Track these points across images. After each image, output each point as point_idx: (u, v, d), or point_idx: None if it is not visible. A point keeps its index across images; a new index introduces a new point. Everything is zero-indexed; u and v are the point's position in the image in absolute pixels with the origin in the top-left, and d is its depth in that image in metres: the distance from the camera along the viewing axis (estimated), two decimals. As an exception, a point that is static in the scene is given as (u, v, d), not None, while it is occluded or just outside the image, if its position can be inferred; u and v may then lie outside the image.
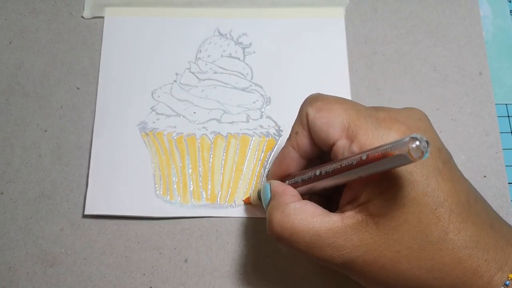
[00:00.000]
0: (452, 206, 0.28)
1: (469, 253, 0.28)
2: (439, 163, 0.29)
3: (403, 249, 0.28)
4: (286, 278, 0.38)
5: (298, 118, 0.33)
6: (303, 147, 0.33)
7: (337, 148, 0.30)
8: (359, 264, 0.29)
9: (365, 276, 0.30)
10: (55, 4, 0.46)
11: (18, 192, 0.40)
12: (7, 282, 0.38)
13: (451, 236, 0.28)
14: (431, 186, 0.28)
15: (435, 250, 0.28)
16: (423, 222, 0.28)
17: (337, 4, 0.46)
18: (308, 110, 0.32)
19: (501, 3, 0.47)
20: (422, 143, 0.23)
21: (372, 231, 0.29)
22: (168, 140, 0.41)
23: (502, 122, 0.43)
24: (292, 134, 0.33)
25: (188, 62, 0.44)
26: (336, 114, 0.30)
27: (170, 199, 0.40)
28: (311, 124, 0.31)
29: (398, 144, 0.24)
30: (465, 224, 0.28)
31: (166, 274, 0.38)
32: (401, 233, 0.28)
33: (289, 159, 0.34)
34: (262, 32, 0.45)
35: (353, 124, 0.30)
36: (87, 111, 0.43)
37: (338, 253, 0.29)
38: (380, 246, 0.29)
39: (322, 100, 0.32)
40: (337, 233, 0.29)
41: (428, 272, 0.28)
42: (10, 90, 0.43)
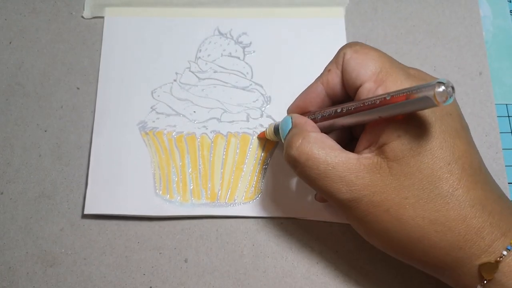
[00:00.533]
0: (465, 165, 0.29)
1: (475, 213, 0.29)
2: (459, 126, 0.30)
3: (411, 197, 0.29)
4: (286, 278, 0.38)
5: (334, 58, 0.34)
6: (332, 85, 0.34)
7: (362, 90, 0.31)
8: (364, 204, 0.30)
9: (367, 219, 0.30)
10: (55, 4, 0.46)
11: (18, 192, 0.40)
12: (7, 282, 0.38)
13: (460, 192, 0.29)
14: (448, 142, 0.29)
15: (442, 203, 0.29)
16: (436, 174, 0.29)
17: (337, 4, 0.46)
18: (346, 50, 0.33)
19: (501, 3, 0.47)
20: (448, 88, 0.25)
21: (384, 174, 0.29)
22: (168, 139, 0.41)
23: (502, 122, 0.43)
24: (325, 72, 0.34)
25: (188, 61, 0.44)
26: (371, 57, 0.32)
27: (170, 198, 0.40)
28: (345, 63, 0.33)
29: (425, 86, 0.25)
30: (475, 185, 0.29)
31: (166, 274, 0.38)
32: (412, 181, 0.29)
33: (315, 94, 0.35)
34: (262, 31, 0.45)
35: (384, 70, 0.31)
36: (87, 111, 0.43)
37: (347, 188, 0.30)
38: (389, 189, 0.29)
39: (361, 45, 0.33)
40: (350, 169, 0.30)
41: (432, 223, 0.29)
42: (10, 90, 0.43)
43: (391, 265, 0.38)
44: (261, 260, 0.39)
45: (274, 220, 0.40)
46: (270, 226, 0.39)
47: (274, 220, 0.40)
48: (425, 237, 0.29)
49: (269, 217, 0.39)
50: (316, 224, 0.39)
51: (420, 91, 0.25)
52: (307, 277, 0.38)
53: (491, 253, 0.28)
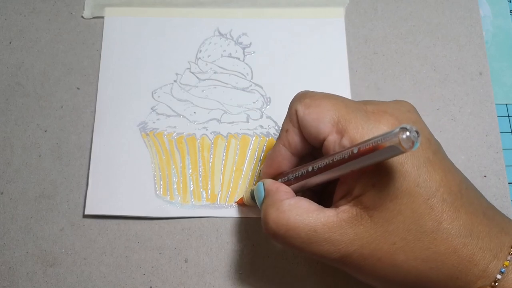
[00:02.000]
0: (444, 196, 0.28)
1: (464, 241, 0.28)
2: (429, 153, 0.29)
3: (398, 241, 0.29)
4: (286, 278, 0.38)
5: (287, 116, 0.33)
6: (294, 144, 0.33)
7: (328, 143, 0.30)
8: (356, 258, 0.29)
9: (362, 270, 0.30)
10: (55, 4, 0.46)
11: (18, 192, 0.40)
12: (7, 282, 0.38)
13: (445, 225, 0.28)
14: (423, 176, 0.28)
15: (430, 240, 0.28)
16: (417, 212, 0.28)
17: (337, 4, 0.46)
18: (297, 107, 0.32)
19: (501, 3, 0.47)
20: (412, 133, 0.24)
21: (367, 224, 0.29)
22: (168, 140, 0.41)
23: (502, 122, 0.43)
24: (283, 133, 0.33)
25: (188, 62, 0.44)
26: (325, 109, 0.31)
27: (170, 199, 0.40)
28: (301, 121, 0.32)
29: (389, 135, 0.24)
30: (458, 213, 0.29)
31: (166, 274, 0.38)
32: (396, 225, 0.28)
33: (280, 158, 0.34)
34: (262, 32, 0.45)
35: (342, 119, 0.30)
36: (87, 111, 0.43)
37: (334, 247, 0.29)
38: (375, 239, 0.29)
39: (310, 96, 0.32)
40: (332, 228, 0.29)
41: (424, 262, 0.29)
42: (10, 90, 0.43)
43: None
44: (261, 260, 0.39)
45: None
46: (270, 226, 0.39)
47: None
48: (422, 276, 0.29)
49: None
50: (316, 224, 0.39)
51: (385, 140, 0.25)
52: (307, 277, 0.38)
53: (486, 278, 0.28)
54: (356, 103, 0.31)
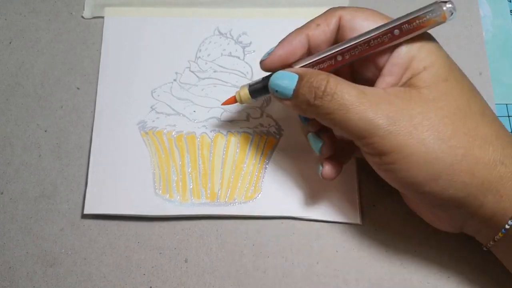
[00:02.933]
0: (481, 95, 0.32)
1: (505, 131, 0.31)
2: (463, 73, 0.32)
3: (448, 115, 0.30)
4: (286, 278, 0.38)
5: (323, 15, 0.34)
6: (318, 41, 0.34)
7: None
8: (404, 126, 0.29)
9: (408, 142, 0.29)
10: (55, 4, 0.46)
11: (18, 192, 0.40)
12: (7, 282, 0.38)
13: (489, 112, 0.31)
14: (464, 75, 0.32)
15: (478, 120, 0.30)
16: (465, 95, 0.30)
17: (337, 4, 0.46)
18: (341, 13, 0.33)
19: (501, 3, 0.47)
20: (452, 3, 0.29)
21: (417, 99, 0.30)
22: (167, 138, 0.41)
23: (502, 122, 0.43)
24: (312, 24, 0.34)
25: (188, 61, 0.44)
26: (372, 12, 0.33)
27: (169, 197, 0.40)
28: (348, 24, 0.33)
29: (432, 5, 0.29)
30: (494, 112, 0.32)
31: (166, 274, 0.38)
32: (447, 102, 0.30)
33: (299, 44, 0.34)
34: (262, 31, 0.45)
35: (389, 19, 0.32)
36: (87, 111, 0.43)
37: (383, 113, 0.29)
38: (425, 110, 0.30)
39: (353, 7, 0.34)
40: (384, 97, 0.30)
41: (473, 139, 0.30)
42: (10, 90, 0.43)
43: (391, 264, 0.38)
44: (261, 260, 0.38)
45: (274, 220, 0.40)
46: (270, 226, 0.39)
47: (274, 220, 0.40)
48: (469, 153, 0.29)
49: (269, 217, 0.39)
50: (316, 224, 0.39)
51: (429, 9, 0.30)
52: (307, 277, 0.38)
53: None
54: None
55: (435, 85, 0.30)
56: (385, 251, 0.38)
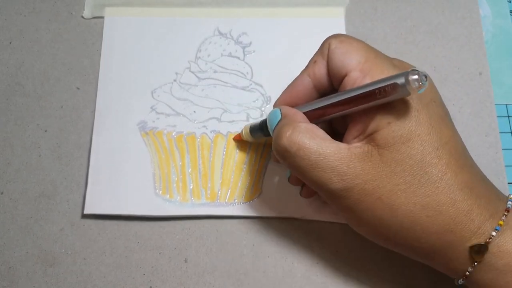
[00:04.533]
0: (451, 150, 0.30)
1: (464, 196, 0.29)
2: (442, 112, 0.31)
3: (402, 183, 0.29)
4: (286, 278, 0.38)
5: (319, 49, 0.34)
6: (319, 76, 0.34)
7: (348, 79, 0.31)
8: (356, 193, 0.30)
9: (358, 207, 0.30)
10: (55, 4, 0.46)
11: (18, 192, 0.40)
12: (7, 282, 0.38)
13: (449, 176, 0.29)
14: (435, 128, 0.30)
15: (432, 188, 0.29)
16: (425, 159, 0.29)
17: (337, 4, 0.46)
18: (330, 41, 0.33)
19: (501, 3, 0.47)
20: (421, 76, 0.27)
21: (375, 162, 0.30)
22: (167, 139, 0.41)
23: (502, 122, 0.43)
24: (310, 63, 0.35)
25: (188, 61, 0.44)
26: (355, 48, 0.32)
27: (169, 198, 0.40)
28: (330, 53, 0.33)
29: (401, 74, 0.27)
30: (462, 169, 0.30)
31: (166, 274, 0.38)
32: (403, 167, 0.29)
33: (302, 87, 0.35)
34: (262, 31, 0.45)
35: (369, 60, 0.31)
36: (87, 111, 0.43)
37: (338, 177, 0.30)
38: (381, 177, 0.29)
39: (346, 36, 0.34)
40: (342, 159, 0.30)
41: (423, 208, 0.29)
42: (10, 90, 0.43)
43: (391, 264, 0.38)
44: (261, 260, 0.39)
45: (274, 220, 0.40)
46: (270, 226, 0.39)
47: (274, 220, 0.40)
48: (417, 222, 0.29)
49: (269, 217, 0.39)
50: (316, 224, 0.39)
51: (398, 78, 0.27)
52: (307, 277, 0.38)
53: (480, 234, 0.29)
54: (385, 55, 0.33)
55: (396, 146, 0.29)
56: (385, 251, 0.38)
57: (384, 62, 0.31)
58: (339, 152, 0.30)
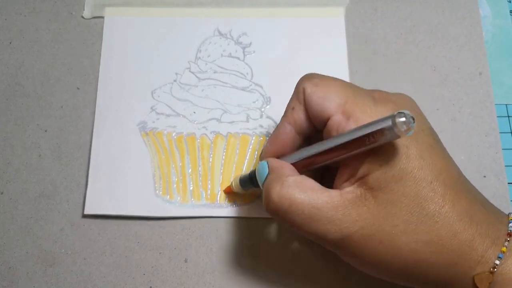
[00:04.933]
0: (446, 180, 0.29)
1: (464, 226, 0.29)
2: (432, 141, 0.30)
3: (401, 223, 0.29)
4: (286, 278, 0.38)
5: (294, 94, 0.33)
6: (300, 122, 0.33)
7: (332, 123, 0.31)
8: (356, 240, 0.29)
9: (362, 253, 0.30)
10: (55, 4, 0.46)
11: (18, 192, 0.40)
12: (7, 282, 0.38)
13: (447, 208, 0.29)
14: (426, 160, 0.29)
15: (431, 223, 0.29)
16: (420, 195, 0.29)
17: (337, 4, 0.46)
18: (305, 85, 0.32)
19: (501, 3, 0.47)
20: (408, 118, 0.26)
21: (370, 205, 0.29)
22: (167, 139, 0.41)
23: (502, 122, 0.43)
24: (288, 110, 0.34)
25: (188, 61, 0.44)
26: (333, 90, 0.31)
27: (169, 198, 0.40)
28: (307, 99, 0.32)
29: (387, 118, 0.26)
30: (459, 198, 0.29)
31: (166, 274, 0.38)
32: (399, 207, 0.29)
33: (284, 136, 0.34)
34: (262, 32, 0.45)
35: (349, 101, 0.30)
36: (87, 111, 0.43)
37: (335, 227, 0.29)
38: (378, 220, 0.29)
39: (319, 77, 0.32)
40: (336, 207, 0.29)
41: (425, 245, 0.29)
42: (10, 90, 0.43)
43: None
44: (261, 260, 0.39)
45: (274, 220, 0.40)
46: (270, 226, 0.39)
47: (274, 220, 0.40)
48: (422, 259, 0.29)
49: (269, 217, 0.39)
50: (316, 224, 0.39)
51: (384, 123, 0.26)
52: (307, 277, 0.38)
53: (484, 263, 0.29)
54: (363, 89, 0.32)
55: (389, 187, 0.29)
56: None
57: (365, 99, 0.30)
58: (332, 201, 0.30)
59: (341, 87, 0.31)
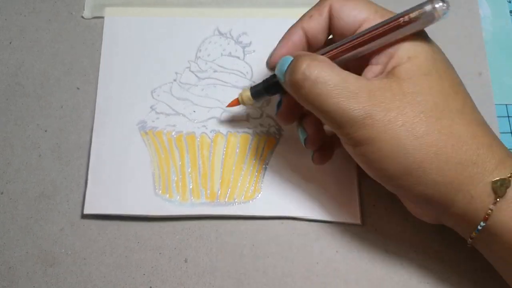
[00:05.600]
0: (465, 92, 0.32)
1: (483, 131, 0.30)
2: (451, 65, 0.33)
3: (425, 111, 0.29)
4: (286, 278, 0.38)
5: (316, 6, 0.34)
6: (314, 31, 0.34)
7: (366, 25, 0.32)
8: (379, 120, 0.29)
9: (381, 137, 0.29)
10: (55, 4, 0.46)
11: (18, 192, 0.40)
12: (7, 282, 0.38)
13: (468, 110, 0.30)
14: (450, 69, 0.32)
15: (455, 119, 0.30)
16: (445, 92, 0.30)
17: (337, 4, 0.46)
18: (331, 1, 0.33)
19: (501, 3, 0.47)
20: (446, 1, 0.30)
21: (396, 92, 0.30)
22: (167, 138, 0.41)
23: (502, 122, 0.43)
24: (306, 17, 0.34)
25: (188, 61, 0.44)
26: (363, 2, 0.33)
27: (169, 197, 0.40)
28: (337, 12, 0.33)
29: (428, 2, 0.30)
30: (476, 110, 0.31)
31: (166, 274, 0.38)
32: (425, 97, 0.30)
33: (296, 38, 0.34)
34: (262, 31, 0.45)
35: (379, 10, 0.33)
36: (87, 111, 0.43)
37: (360, 105, 0.29)
38: (403, 105, 0.29)
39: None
40: (362, 87, 0.30)
41: (447, 137, 0.29)
42: (10, 90, 0.43)
43: (391, 264, 0.38)
44: (261, 260, 0.38)
45: (274, 220, 0.40)
46: (270, 226, 0.39)
47: (274, 220, 0.40)
48: (442, 151, 0.29)
49: (269, 217, 0.39)
50: (316, 224, 0.39)
51: (423, 7, 0.30)
52: (307, 277, 0.38)
53: (502, 169, 0.29)
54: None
55: (416, 78, 0.30)
56: (385, 251, 0.38)
57: (389, 11, 0.33)
58: (359, 82, 0.30)
59: (368, 2, 0.33)
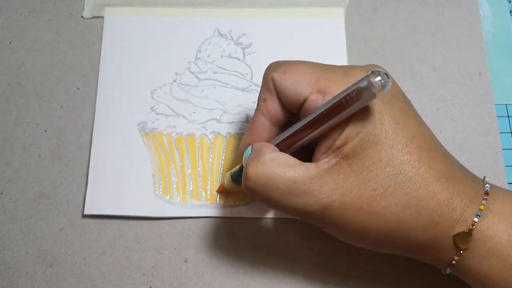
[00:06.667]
0: (420, 143, 0.30)
1: (442, 186, 0.29)
2: (405, 106, 0.31)
3: (379, 187, 0.29)
4: (286, 278, 0.38)
5: (263, 86, 0.33)
6: (273, 112, 0.33)
7: (309, 103, 0.31)
8: (336, 208, 0.29)
9: (342, 222, 0.30)
10: (55, 4, 0.46)
11: (18, 192, 0.40)
12: (7, 282, 0.38)
13: (423, 170, 0.29)
14: (400, 124, 0.30)
15: (409, 185, 0.29)
16: (396, 159, 0.29)
17: (337, 4, 0.46)
18: (273, 75, 0.32)
19: (501, 3, 0.47)
20: (382, 75, 0.26)
21: (346, 173, 0.29)
22: (167, 140, 0.41)
23: (502, 122, 0.43)
24: (261, 103, 0.34)
25: (187, 62, 0.44)
26: (302, 72, 0.32)
27: (169, 199, 0.40)
28: (278, 87, 0.32)
29: (363, 80, 0.27)
30: (434, 160, 0.30)
31: (166, 274, 0.38)
32: (376, 172, 0.29)
33: (260, 128, 0.34)
34: (262, 32, 0.45)
35: (321, 78, 0.31)
36: (87, 111, 0.43)
37: (314, 199, 0.29)
38: (356, 187, 0.29)
39: (285, 63, 0.33)
40: (312, 178, 0.29)
41: (405, 208, 0.29)
42: (10, 90, 0.43)
43: (391, 264, 0.38)
44: (261, 260, 0.39)
45: (274, 220, 0.40)
46: (270, 227, 0.39)
47: (274, 220, 0.40)
48: (402, 222, 0.29)
49: (269, 217, 0.39)
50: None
51: (360, 85, 0.27)
52: (307, 277, 0.38)
53: (463, 222, 0.29)
54: (331, 65, 0.32)
55: (365, 153, 0.29)
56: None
57: (336, 74, 0.31)
58: (308, 173, 0.30)
59: (309, 67, 0.32)
